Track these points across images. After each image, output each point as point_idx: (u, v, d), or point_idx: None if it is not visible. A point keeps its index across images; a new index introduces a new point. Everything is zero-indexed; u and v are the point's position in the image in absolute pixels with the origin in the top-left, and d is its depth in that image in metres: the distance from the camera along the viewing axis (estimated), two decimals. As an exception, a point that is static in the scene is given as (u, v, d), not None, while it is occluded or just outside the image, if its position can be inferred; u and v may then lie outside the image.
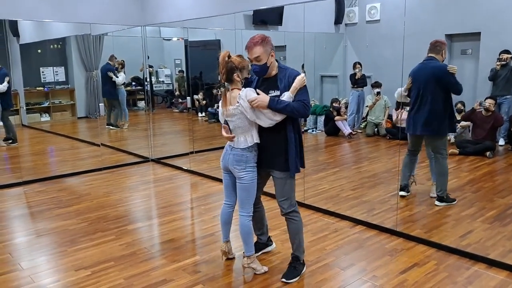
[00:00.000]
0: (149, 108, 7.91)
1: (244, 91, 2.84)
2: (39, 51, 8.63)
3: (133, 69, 8.52)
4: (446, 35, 6.39)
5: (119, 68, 8.17)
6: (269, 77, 2.92)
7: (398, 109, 7.04)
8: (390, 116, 7.55)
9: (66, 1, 6.12)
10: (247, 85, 2.96)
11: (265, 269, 3.14)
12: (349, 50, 8.45)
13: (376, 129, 7.75)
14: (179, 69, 9.89)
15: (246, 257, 3.09)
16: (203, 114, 9.58)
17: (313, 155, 6.97)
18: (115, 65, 8.14)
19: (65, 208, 4.61)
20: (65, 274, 3.19)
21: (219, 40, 8.26)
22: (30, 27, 7.87)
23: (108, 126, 8.45)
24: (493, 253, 3.33)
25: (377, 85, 7.60)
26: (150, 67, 8.35)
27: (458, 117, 6.46)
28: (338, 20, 8.35)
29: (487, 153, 5.95)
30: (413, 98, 4.32)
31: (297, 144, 2.91)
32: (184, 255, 3.47)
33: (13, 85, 7.18)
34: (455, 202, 4.41)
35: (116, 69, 8.18)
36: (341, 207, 4.39)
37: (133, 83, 9.27)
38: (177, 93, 10.10)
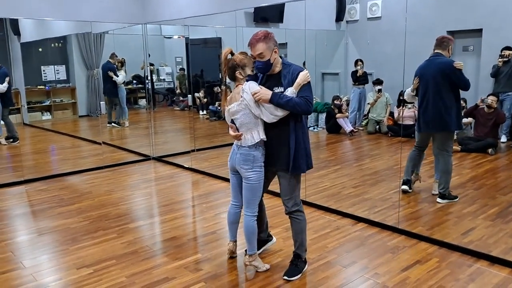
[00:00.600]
0: (150, 106, 7.91)
1: (247, 84, 2.82)
2: (40, 49, 8.62)
3: (134, 67, 8.52)
4: (447, 31, 6.36)
5: (119, 66, 8.16)
6: (273, 73, 2.90)
7: (400, 107, 7.03)
8: (391, 114, 7.54)
9: (67, 0, 6.11)
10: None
11: (267, 266, 3.14)
12: (351, 47, 8.44)
13: (377, 127, 7.73)
14: (180, 67, 9.88)
15: (248, 255, 3.09)
16: (204, 112, 9.57)
17: (315, 152, 6.93)
18: (116, 63, 8.13)
19: (66, 207, 4.61)
20: (67, 272, 3.19)
21: (220, 38, 8.24)
22: (31, 25, 7.86)
23: (109, 124, 8.45)
24: (495, 250, 3.32)
25: (378, 82, 7.58)
26: (151, 65, 8.34)
27: (460, 114, 6.46)
28: (339, 17, 8.33)
29: (489, 150, 5.93)
30: (420, 95, 4.28)
31: (301, 142, 2.87)
32: (186, 253, 3.47)
33: (14, 83, 7.19)
34: (457, 199, 4.39)
35: (117, 67, 8.17)
36: (342, 204, 4.38)
37: (134, 81, 9.27)
38: (178, 91, 10.09)
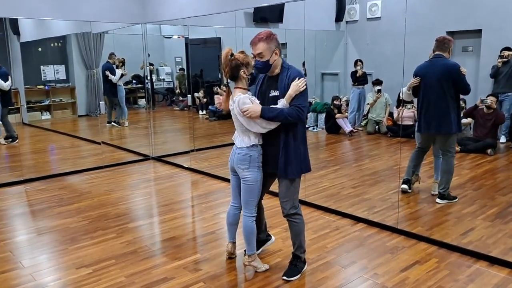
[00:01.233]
0: (149, 106, 7.91)
1: (237, 98, 2.79)
2: (39, 49, 8.63)
3: (134, 67, 8.52)
4: (447, 32, 6.37)
5: (119, 66, 8.16)
6: (272, 75, 2.90)
7: (399, 107, 7.03)
8: (391, 114, 7.54)
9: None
10: (253, 81, 2.94)
11: (266, 267, 3.14)
12: (350, 47, 8.45)
13: (377, 127, 7.74)
14: (180, 67, 9.88)
15: (248, 255, 3.09)
16: (204, 112, 9.57)
17: (314, 153, 6.96)
18: (115, 63, 8.14)
19: (66, 206, 4.61)
20: (66, 272, 3.19)
21: (220, 38, 8.25)
22: (31, 25, 7.87)
23: (109, 124, 8.45)
24: (494, 250, 3.32)
25: (378, 82, 7.59)
26: (151, 65, 8.35)
27: (459, 115, 6.46)
28: (339, 17, 8.34)
29: (488, 151, 5.93)
30: (421, 96, 4.25)
31: (296, 147, 2.85)
32: (185, 253, 3.47)
33: (13, 83, 7.18)
34: (456, 199, 4.40)
35: (117, 67, 8.17)
36: (342, 205, 4.38)
37: (133, 81, 9.27)
38: (177, 91, 10.09)
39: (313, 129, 8.49)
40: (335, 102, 8.04)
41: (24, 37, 7.82)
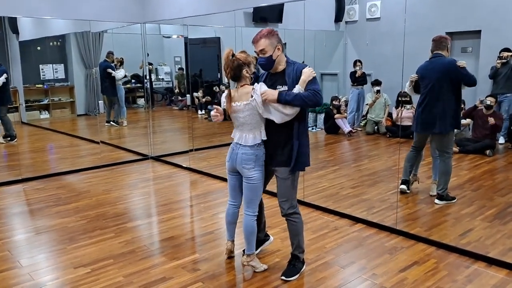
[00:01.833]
0: (148, 105, 7.90)
1: (258, 85, 2.80)
2: (38, 48, 8.61)
3: (133, 66, 8.51)
4: (446, 32, 6.33)
5: (118, 65, 8.15)
6: (276, 72, 2.90)
7: (398, 107, 7.03)
8: (390, 114, 7.54)
9: (65, -2, 6.11)
10: (255, 80, 2.94)
11: (264, 267, 3.13)
12: (349, 48, 8.45)
13: (376, 127, 7.74)
14: (179, 66, 9.87)
15: (246, 255, 3.09)
16: (203, 111, 9.56)
17: (313, 153, 6.90)
18: (114, 62, 8.13)
19: (64, 206, 4.60)
20: (64, 271, 3.18)
21: (219, 38, 8.24)
22: (30, 24, 7.85)
23: (107, 123, 8.44)
24: (493, 251, 3.32)
25: (377, 83, 7.59)
26: (150, 64, 8.33)
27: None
28: (338, 17, 8.34)
29: (487, 151, 5.94)
30: (421, 96, 4.25)
31: (304, 141, 2.86)
32: (184, 253, 3.46)
33: (12, 82, 7.17)
34: (455, 200, 4.40)
35: (116, 66, 8.16)
36: (341, 205, 4.38)
37: (132, 81, 9.26)
38: (176, 90, 10.08)
39: (312, 129, 8.49)
40: (334, 102, 8.04)
41: (23, 36, 7.81)
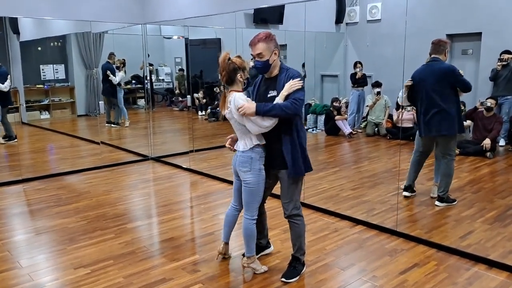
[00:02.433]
0: (149, 106, 7.90)
1: (233, 96, 2.81)
2: (39, 48, 8.62)
3: (133, 67, 8.52)
4: (447, 35, 6.37)
5: (121, 67, 8.17)
6: (270, 76, 2.91)
7: (399, 109, 7.03)
8: (390, 116, 7.54)
9: (66, -1, 6.10)
10: (248, 85, 2.95)
11: (264, 268, 3.13)
12: (350, 49, 8.45)
13: (376, 129, 7.74)
14: (179, 67, 9.88)
15: (246, 257, 3.09)
16: (203, 112, 9.57)
17: (313, 154, 6.96)
18: (115, 63, 8.13)
19: (64, 206, 4.60)
20: (64, 272, 3.18)
21: (220, 39, 8.24)
22: (31, 24, 7.85)
23: (108, 124, 8.44)
24: (493, 254, 3.32)
25: (377, 84, 7.59)
26: (150, 65, 8.34)
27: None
28: (339, 19, 8.34)
29: (488, 154, 5.93)
30: (420, 100, 4.24)
31: (299, 145, 2.85)
32: (184, 254, 3.46)
33: (13, 82, 7.17)
34: (455, 202, 4.40)
35: (118, 68, 8.18)
36: (341, 206, 4.38)
37: (133, 81, 9.26)
38: (177, 91, 10.09)
39: (313, 130, 8.49)
40: (334, 104, 8.04)
41: (23, 36, 7.81)
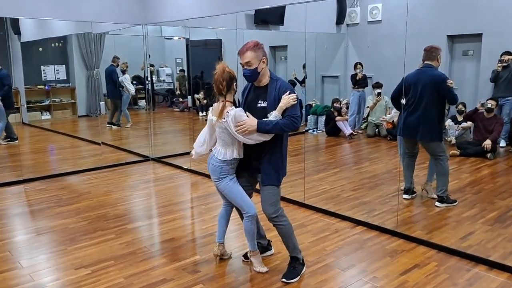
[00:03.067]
0: (150, 107, 7.91)
1: (233, 111, 2.82)
2: (40, 49, 8.63)
3: (134, 68, 8.53)
4: (447, 36, 6.38)
5: (127, 70, 8.23)
6: (260, 85, 2.94)
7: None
8: (391, 117, 7.54)
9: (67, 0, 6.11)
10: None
11: (264, 269, 3.14)
12: (351, 50, 8.44)
13: (377, 130, 7.74)
14: (180, 68, 9.88)
15: (250, 251, 3.16)
16: (204, 113, 9.56)
17: (314, 155, 6.96)
18: (120, 66, 8.18)
19: (65, 207, 4.60)
20: (64, 272, 3.18)
21: (221, 40, 8.25)
22: (32, 25, 7.86)
23: (109, 124, 8.45)
24: (494, 255, 3.32)
25: (378, 85, 7.57)
26: (151, 66, 8.35)
27: (459, 118, 6.46)
28: (340, 20, 8.33)
29: (488, 155, 5.93)
30: (407, 103, 4.34)
31: (283, 154, 2.95)
32: (184, 254, 3.46)
33: (14, 83, 7.19)
34: (455, 203, 4.40)
35: (123, 71, 8.23)
36: (341, 207, 4.38)
37: (134, 82, 9.27)
38: (178, 92, 10.09)
39: (313, 131, 8.49)
40: (335, 104, 8.04)
41: (24, 37, 7.82)
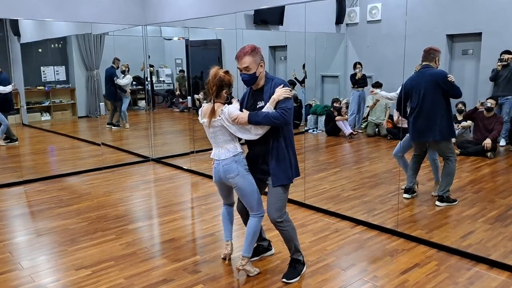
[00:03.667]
0: (149, 107, 7.91)
1: (226, 108, 2.87)
2: (40, 50, 8.63)
3: (134, 68, 8.52)
4: (447, 35, 6.38)
5: (127, 71, 8.23)
6: (257, 88, 2.95)
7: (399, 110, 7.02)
8: (391, 116, 7.52)
9: (67, 0, 6.11)
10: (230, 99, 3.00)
11: (257, 271, 3.13)
12: (350, 50, 8.44)
13: (377, 129, 7.74)
14: (180, 68, 9.88)
15: (242, 257, 3.05)
16: (204, 113, 9.55)
17: (314, 155, 6.96)
18: (121, 68, 8.18)
19: (65, 208, 4.60)
20: (65, 273, 3.19)
21: (220, 40, 8.25)
22: (31, 26, 7.86)
23: (108, 125, 8.45)
24: (494, 254, 3.32)
25: (377, 85, 7.57)
26: (151, 66, 8.34)
27: (459, 117, 6.45)
28: (339, 20, 8.33)
29: (488, 154, 5.93)
30: (412, 106, 4.34)
31: (289, 152, 2.91)
32: (185, 254, 3.46)
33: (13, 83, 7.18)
34: (456, 202, 4.40)
35: (123, 72, 8.22)
36: (341, 207, 4.38)
37: (133, 83, 9.28)
38: (177, 92, 10.09)
39: (313, 131, 8.49)
40: (335, 104, 8.04)
41: (24, 38, 7.82)
